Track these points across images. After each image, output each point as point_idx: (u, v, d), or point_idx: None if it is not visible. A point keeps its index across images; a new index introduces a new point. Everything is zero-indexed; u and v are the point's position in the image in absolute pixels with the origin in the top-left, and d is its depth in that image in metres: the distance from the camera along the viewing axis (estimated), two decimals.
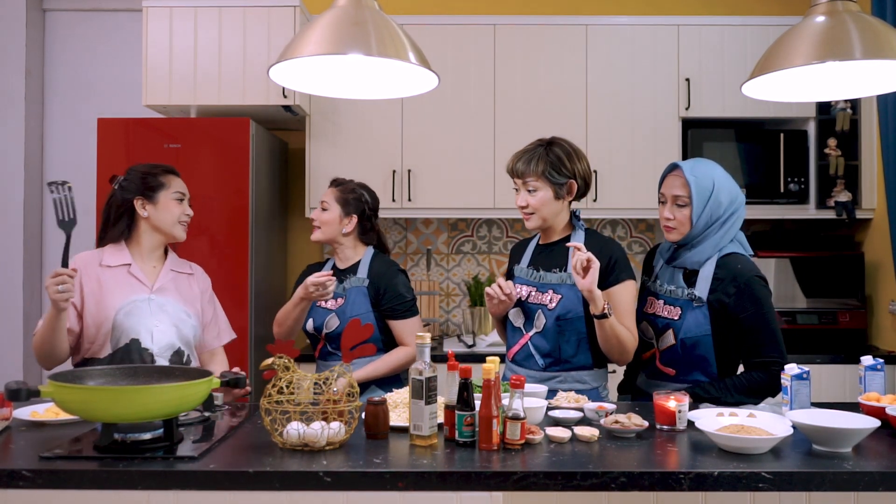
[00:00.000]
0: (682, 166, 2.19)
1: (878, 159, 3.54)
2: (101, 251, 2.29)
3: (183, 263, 2.41)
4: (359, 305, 2.52)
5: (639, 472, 1.53)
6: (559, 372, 2.24)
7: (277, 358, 1.75)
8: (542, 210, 2.25)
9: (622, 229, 4.03)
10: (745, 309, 2.11)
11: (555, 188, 2.23)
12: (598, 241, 2.26)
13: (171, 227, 2.30)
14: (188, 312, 2.30)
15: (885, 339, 3.56)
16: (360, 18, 1.85)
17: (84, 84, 4.04)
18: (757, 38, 3.62)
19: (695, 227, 2.16)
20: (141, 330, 2.20)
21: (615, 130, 3.65)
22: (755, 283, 2.13)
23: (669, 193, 2.21)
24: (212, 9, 3.39)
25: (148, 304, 2.23)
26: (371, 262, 2.59)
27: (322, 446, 1.66)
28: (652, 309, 2.26)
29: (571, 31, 3.66)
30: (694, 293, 2.16)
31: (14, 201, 3.89)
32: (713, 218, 2.16)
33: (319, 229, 2.59)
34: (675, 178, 2.21)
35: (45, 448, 1.66)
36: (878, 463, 1.59)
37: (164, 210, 2.28)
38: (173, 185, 2.31)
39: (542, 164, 2.22)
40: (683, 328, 2.15)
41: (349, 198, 2.59)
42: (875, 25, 1.89)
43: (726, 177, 2.21)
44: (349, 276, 2.58)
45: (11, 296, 3.87)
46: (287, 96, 3.39)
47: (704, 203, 2.15)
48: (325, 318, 2.55)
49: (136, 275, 2.25)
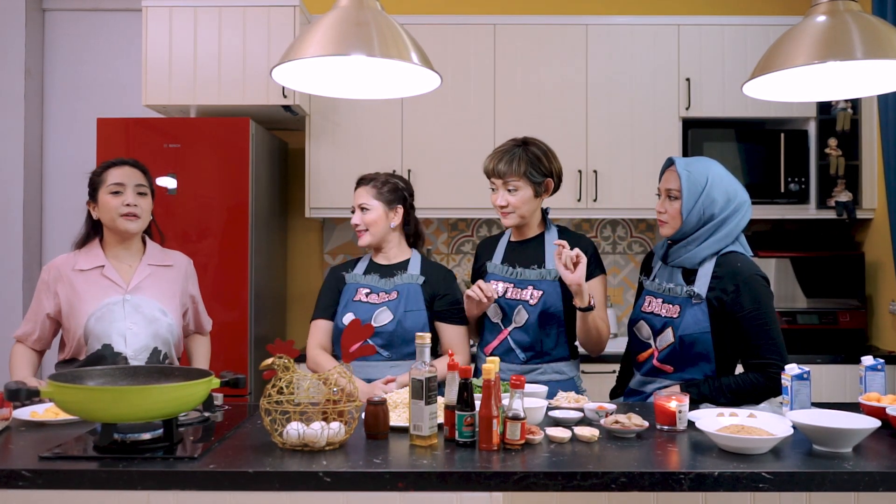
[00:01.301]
0: (677, 161, 2.20)
1: (879, 159, 3.54)
2: (76, 255, 2.27)
3: (164, 255, 2.35)
4: (413, 302, 2.41)
5: (639, 472, 1.53)
6: (539, 364, 2.33)
7: (277, 358, 1.74)
8: (521, 208, 2.32)
9: (622, 229, 4.03)
10: (743, 307, 2.10)
11: (534, 187, 2.31)
12: (572, 238, 2.36)
13: (113, 223, 2.23)
14: (164, 310, 2.27)
15: (885, 339, 3.56)
16: (363, 19, 1.85)
17: (84, 84, 4.04)
18: (757, 38, 3.62)
19: (686, 221, 2.15)
20: (113, 334, 2.18)
21: (615, 130, 3.65)
22: (755, 282, 2.12)
23: (663, 187, 2.23)
24: (212, 9, 3.39)
25: (122, 307, 2.21)
26: (423, 262, 2.51)
27: (322, 446, 1.65)
28: (650, 308, 2.25)
29: (571, 31, 3.66)
30: (693, 290, 2.15)
31: (14, 201, 3.89)
32: (706, 214, 2.14)
33: (367, 232, 2.46)
34: (670, 173, 2.22)
35: (44, 448, 1.66)
36: (878, 463, 1.59)
37: (103, 207, 2.23)
38: (109, 177, 2.22)
39: (523, 164, 2.29)
40: (682, 325, 2.14)
41: (386, 190, 2.47)
42: (876, 25, 1.89)
43: (724, 175, 2.18)
44: (399, 272, 2.47)
45: (11, 296, 3.87)
46: (287, 96, 3.39)
47: (696, 198, 2.14)
48: (374, 312, 2.40)
49: (109, 276, 2.23)
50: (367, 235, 2.47)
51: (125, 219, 2.22)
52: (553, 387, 2.24)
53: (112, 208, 2.21)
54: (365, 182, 2.50)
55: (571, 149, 3.61)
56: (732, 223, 2.16)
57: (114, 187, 2.21)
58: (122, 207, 2.21)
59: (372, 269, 2.51)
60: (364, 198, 2.47)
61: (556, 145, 2.36)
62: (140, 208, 2.24)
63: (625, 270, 4.02)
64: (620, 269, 4.02)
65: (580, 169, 3.61)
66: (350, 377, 1.78)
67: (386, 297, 2.42)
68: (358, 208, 2.48)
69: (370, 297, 2.44)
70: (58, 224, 4.01)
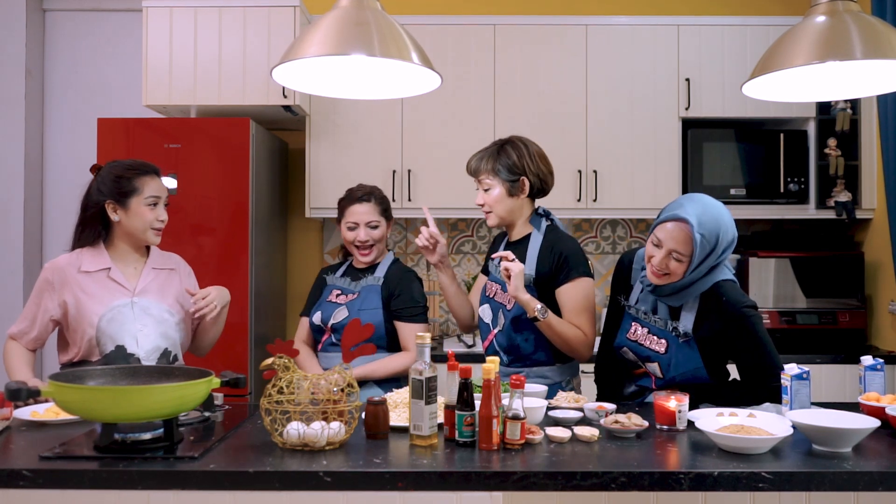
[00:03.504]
0: (691, 221, 1.98)
1: (878, 159, 3.54)
2: (79, 255, 2.23)
3: (165, 258, 2.35)
4: (370, 301, 2.53)
5: (639, 472, 1.53)
6: (521, 368, 2.32)
7: (277, 358, 1.75)
8: (496, 207, 2.34)
9: (622, 229, 4.03)
10: (736, 346, 2.05)
11: (507, 185, 2.31)
12: (551, 239, 2.33)
13: (143, 234, 2.23)
14: (171, 311, 2.27)
15: (884, 339, 3.56)
16: (363, 19, 1.85)
17: (84, 84, 4.04)
18: (757, 38, 3.62)
19: (686, 278, 2.04)
20: (125, 336, 2.17)
21: (615, 130, 3.65)
22: (747, 316, 2.03)
23: (667, 246, 2.02)
24: (212, 9, 3.39)
25: (131, 309, 2.20)
26: (390, 265, 2.61)
27: (322, 446, 1.66)
28: (635, 337, 2.17)
29: (571, 31, 3.66)
30: (678, 328, 2.08)
31: (14, 201, 3.89)
32: (707, 266, 2.04)
33: (374, 247, 2.57)
34: (679, 231, 2.00)
35: (45, 448, 1.66)
36: (877, 463, 1.59)
37: (136, 216, 2.21)
38: (147, 188, 2.21)
39: (491, 162, 2.32)
40: (673, 365, 2.08)
41: (384, 205, 2.60)
42: (875, 25, 1.89)
43: (727, 220, 2.03)
44: (366, 275, 2.59)
45: (11, 296, 3.87)
46: (287, 96, 3.39)
47: (705, 258, 2.01)
48: (334, 311, 2.55)
49: (116, 279, 2.22)
50: (375, 251, 2.58)
51: (154, 232, 2.25)
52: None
53: (146, 221, 2.21)
54: (367, 199, 2.57)
55: (571, 149, 3.61)
56: (725, 255, 2.06)
57: (152, 199, 2.22)
58: (157, 222, 2.23)
59: (347, 273, 2.65)
60: (372, 215, 2.55)
61: (556, 145, 2.37)
62: (165, 222, 2.28)
63: None
64: None
65: (580, 169, 3.61)
66: (350, 376, 1.78)
67: (350, 298, 2.56)
68: (364, 226, 2.54)
69: (339, 297, 2.58)
70: (58, 224, 4.02)
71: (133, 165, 2.25)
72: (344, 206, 2.59)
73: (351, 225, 2.55)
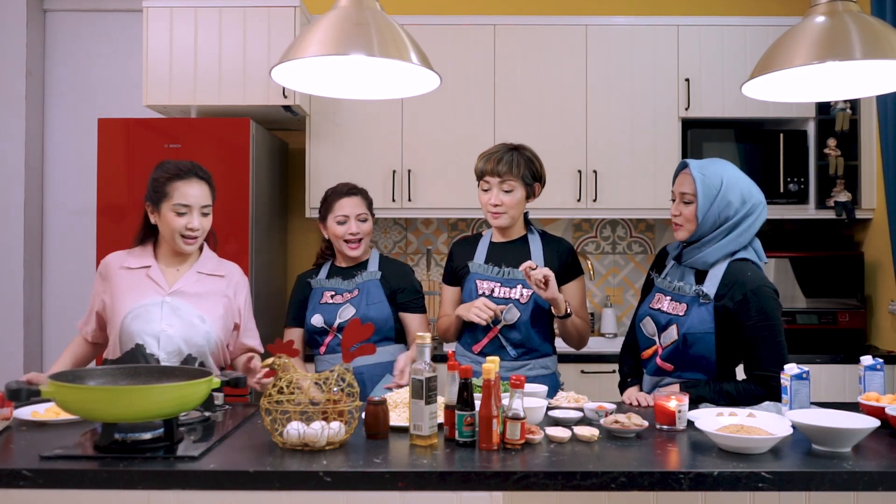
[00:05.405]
0: (691, 164, 2.21)
1: (878, 159, 3.54)
2: (130, 252, 2.25)
3: (217, 264, 2.29)
4: (373, 296, 2.55)
5: (639, 472, 1.53)
6: (528, 360, 2.42)
7: (277, 358, 1.75)
8: (513, 210, 2.41)
9: (622, 229, 4.03)
10: (750, 317, 2.09)
11: (527, 189, 2.42)
12: (552, 242, 2.49)
13: (172, 240, 2.19)
14: (203, 317, 2.19)
15: (884, 339, 3.56)
16: (362, 19, 1.85)
17: (84, 84, 4.04)
18: (757, 38, 3.62)
19: (701, 224, 2.16)
20: (146, 335, 2.13)
21: (615, 130, 3.65)
22: (763, 293, 2.10)
23: (677, 191, 2.23)
24: (212, 9, 3.39)
25: (160, 308, 2.16)
26: (381, 259, 2.66)
27: (322, 446, 1.66)
28: (657, 304, 2.26)
29: (571, 31, 3.66)
30: (701, 289, 2.15)
31: (14, 201, 3.88)
32: (721, 217, 2.14)
33: (363, 241, 2.59)
34: (684, 176, 2.22)
35: (45, 448, 1.66)
36: (877, 463, 1.59)
37: (164, 222, 2.18)
38: (177, 194, 2.15)
39: (521, 166, 2.39)
40: (687, 323, 2.14)
41: (371, 203, 2.65)
42: (875, 25, 1.89)
43: (739, 177, 2.19)
44: (360, 271, 2.61)
45: (11, 296, 3.87)
46: (287, 96, 3.39)
47: (711, 201, 2.14)
48: (339, 310, 2.54)
49: (153, 277, 2.19)
50: (363, 245, 2.60)
51: (184, 240, 2.18)
52: (538, 381, 2.34)
53: (175, 228, 2.16)
54: (354, 193, 2.61)
55: (571, 149, 3.61)
56: (747, 223, 2.15)
57: (180, 208, 2.15)
58: (185, 230, 2.17)
59: (334, 273, 2.64)
60: (360, 207, 2.58)
61: (556, 145, 2.39)
62: (201, 230, 2.20)
63: (624, 270, 4.02)
64: (620, 269, 4.02)
65: (580, 169, 3.62)
66: (349, 375, 1.78)
67: (349, 296, 2.56)
68: (355, 218, 2.56)
69: (335, 298, 2.57)
70: (58, 224, 4.02)
71: (169, 169, 2.19)
72: (332, 200, 2.59)
73: (341, 218, 2.55)
